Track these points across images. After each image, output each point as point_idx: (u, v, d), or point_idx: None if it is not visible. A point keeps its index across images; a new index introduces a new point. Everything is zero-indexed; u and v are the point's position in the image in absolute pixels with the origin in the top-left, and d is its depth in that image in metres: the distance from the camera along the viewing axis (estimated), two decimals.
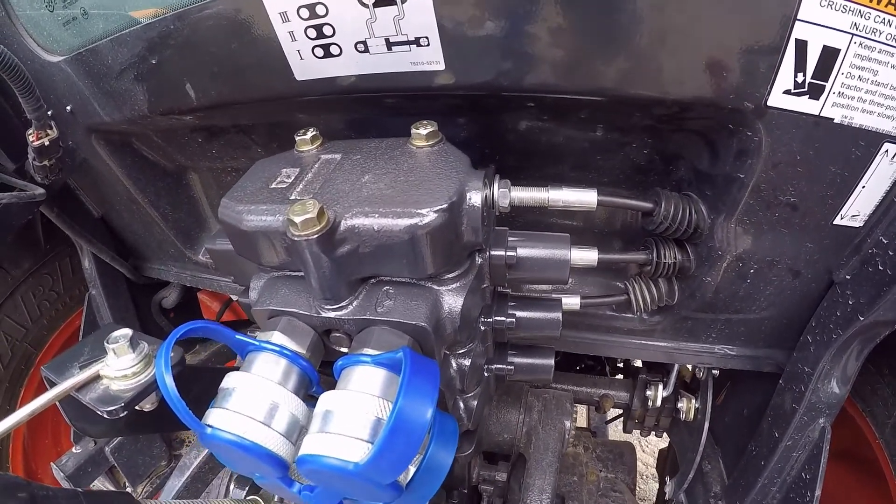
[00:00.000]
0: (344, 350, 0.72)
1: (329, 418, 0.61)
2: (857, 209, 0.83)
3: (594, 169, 0.90)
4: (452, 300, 0.67)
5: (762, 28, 0.64)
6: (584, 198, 0.79)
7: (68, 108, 1.08)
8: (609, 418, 1.54)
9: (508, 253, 0.71)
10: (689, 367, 1.23)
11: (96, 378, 0.79)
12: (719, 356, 1.03)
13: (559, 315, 0.81)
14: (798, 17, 0.63)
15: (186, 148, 1.10)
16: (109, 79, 0.98)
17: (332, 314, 0.69)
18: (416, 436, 0.54)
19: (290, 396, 0.68)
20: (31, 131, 1.00)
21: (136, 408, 0.80)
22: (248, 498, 0.96)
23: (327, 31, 0.74)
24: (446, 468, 0.64)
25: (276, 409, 0.66)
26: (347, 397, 0.61)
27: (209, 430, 0.65)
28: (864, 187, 0.79)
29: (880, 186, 0.80)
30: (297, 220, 0.61)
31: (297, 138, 0.79)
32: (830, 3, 0.63)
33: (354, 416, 0.59)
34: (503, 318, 0.79)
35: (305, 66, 0.79)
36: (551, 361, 0.88)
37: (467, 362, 0.75)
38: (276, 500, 0.94)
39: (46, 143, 0.99)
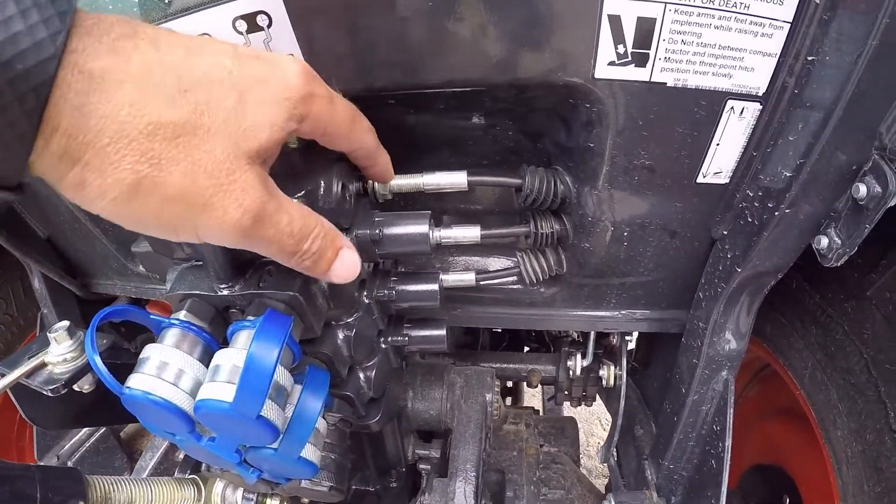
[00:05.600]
0: None
1: (216, 371, 0.90)
2: (717, 166, 1.04)
3: (471, 154, 1.18)
4: None
5: (574, 9, 0.85)
6: (454, 179, 1.08)
7: None
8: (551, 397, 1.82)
9: (372, 231, 1.00)
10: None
11: (42, 366, 1.12)
12: (624, 320, 1.29)
13: (436, 286, 1.09)
14: None
15: None
16: None
17: (226, 293, 0.99)
18: (265, 371, 0.83)
19: (194, 362, 0.96)
20: None
21: (76, 388, 1.12)
22: (188, 476, 1.27)
23: None
24: (316, 412, 0.93)
25: (182, 373, 0.95)
26: (229, 353, 0.91)
27: (127, 391, 0.95)
28: (718, 145, 1.00)
29: (736, 143, 1.00)
30: None
31: None
32: None
33: (231, 367, 0.89)
34: (385, 291, 1.09)
35: None
36: (443, 332, 1.16)
37: (352, 332, 1.05)
38: (214, 471, 1.25)
39: None
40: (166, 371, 0.95)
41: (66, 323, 1.10)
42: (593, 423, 3.65)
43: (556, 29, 0.89)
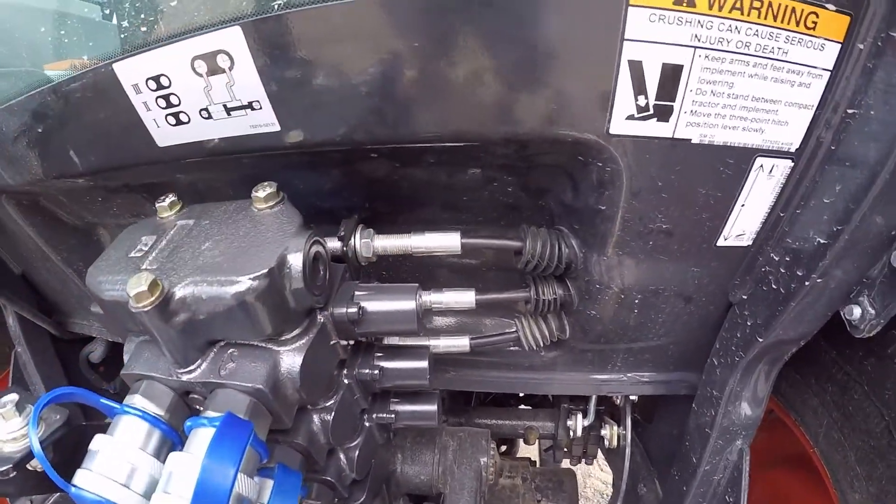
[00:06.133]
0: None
1: (170, 479, 0.72)
2: (741, 228, 0.90)
3: (465, 210, 1.00)
4: (291, 360, 0.77)
5: (587, 54, 0.70)
6: (447, 242, 0.90)
7: None
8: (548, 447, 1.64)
9: (350, 309, 0.81)
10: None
11: None
12: (630, 383, 1.11)
13: (426, 363, 0.91)
14: (626, 38, 0.68)
15: (90, 206, 1.24)
16: (7, 144, 1.13)
17: (185, 377, 0.81)
18: (220, 493, 0.65)
19: (149, 459, 0.79)
20: None
21: (30, 468, 0.94)
22: None
23: (174, 100, 0.86)
24: None
25: (135, 472, 0.78)
26: (183, 459, 0.73)
27: (73, 490, 0.78)
28: (743, 205, 0.86)
29: (763, 203, 0.86)
30: (132, 292, 0.73)
31: (157, 205, 0.92)
32: (662, 17, 0.68)
33: (185, 477, 0.71)
34: (368, 371, 0.90)
35: (163, 133, 0.91)
36: (434, 407, 0.98)
37: (330, 417, 0.86)
38: None
39: None
40: (117, 469, 0.78)
41: (14, 396, 0.92)
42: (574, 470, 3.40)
43: (565, 76, 0.72)
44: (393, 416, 0.97)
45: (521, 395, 1.70)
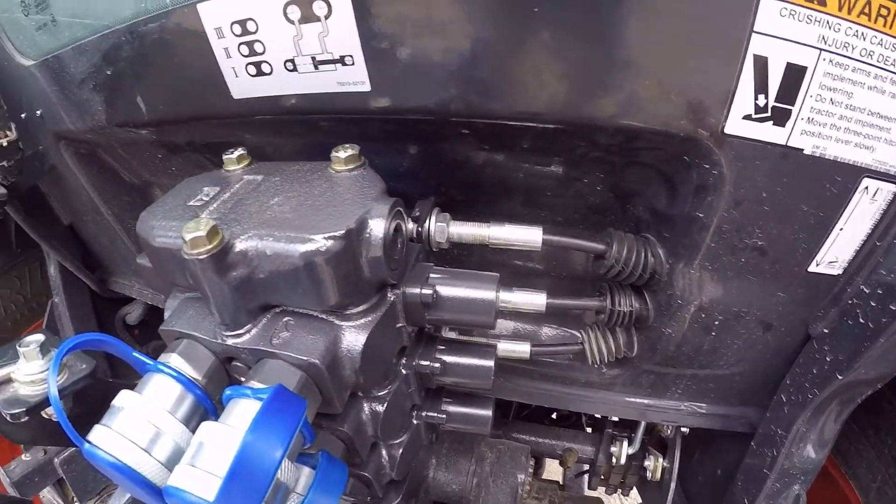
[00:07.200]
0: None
1: (200, 450, 0.59)
2: (834, 255, 0.78)
3: (546, 207, 0.87)
4: (354, 337, 0.64)
5: (713, 40, 0.60)
6: (528, 236, 0.76)
7: (38, 112, 1.12)
8: (578, 472, 1.48)
9: (425, 291, 0.67)
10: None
11: (8, 381, 0.80)
12: (687, 413, 0.97)
13: (492, 363, 0.77)
14: (755, 29, 0.59)
15: (149, 163, 1.12)
16: (73, 86, 1.01)
17: (231, 342, 0.67)
18: (261, 475, 0.52)
19: (177, 425, 0.66)
20: None
21: (45, 416, 0.81)
22: None
23: (258, 48, 0.74)
24: None
25: (159, 437, 0.65)
26: (219, 430, 0.59)
27: (87, 447, 0.64)
28: (841, 230, 0.74)
29: (860, 229, 0.74)
30: (188, 237, 0.60)
31: (224, 157, 0.79)
32: (792, 12, 0.59)
33: (220, 451, 0.57)
34: (428, 363, 0.76)
35: (241, 84, 0.79)
36: (489, 412, 0.84)
37: (381, 408, 0.72)
38: None
39: (4, 143, 1.03)
40: (140, 431, 0.65)
41: (40, 337, 0.79)
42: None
43: (690, 66, 0.61)
44: (444, 416, 0.83)
45: (554, 415, 1.54)
